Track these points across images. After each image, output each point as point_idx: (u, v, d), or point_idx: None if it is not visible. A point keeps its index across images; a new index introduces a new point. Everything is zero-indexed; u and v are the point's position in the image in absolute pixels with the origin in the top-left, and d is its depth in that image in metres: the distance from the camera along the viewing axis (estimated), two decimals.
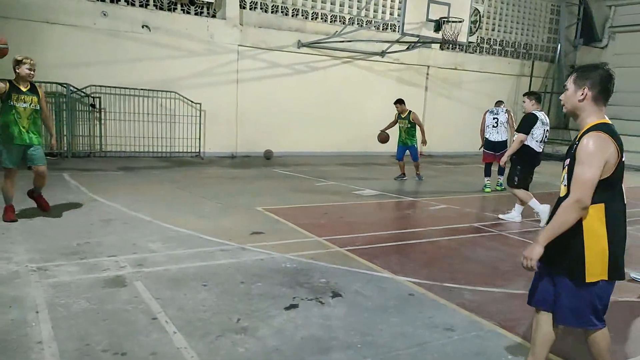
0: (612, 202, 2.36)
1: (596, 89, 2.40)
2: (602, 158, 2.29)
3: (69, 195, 6.74)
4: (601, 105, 2.44)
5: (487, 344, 3.23)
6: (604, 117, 2.44)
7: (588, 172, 2.28)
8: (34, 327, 3.10)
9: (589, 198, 2.30)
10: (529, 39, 16.23)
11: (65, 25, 9.67)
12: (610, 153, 2.30)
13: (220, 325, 3.28)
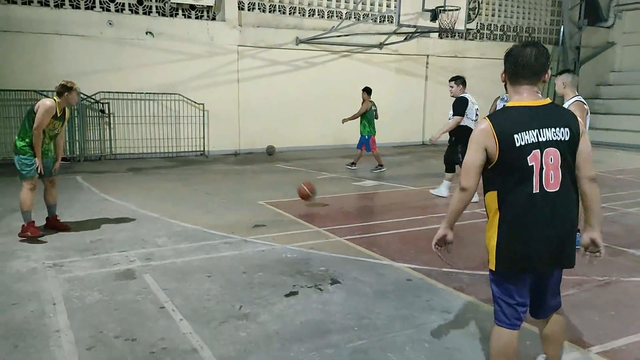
0: (508, 190, 2.23)
1: (509, 69, 2.31)
2: (478, 143, 2.24)
3: (81, 196, 7.02)
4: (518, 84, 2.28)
5: (483, 325, 3.34)
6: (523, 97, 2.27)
7: (466, 156, 2.32)
8: (52, 317, 3.34)
9: (465, 181, 2.31)
10: (531, 22, 16.14)
11: (74, 36, 9.97)
12: (487, 140, 2.21)
13: (223, 312, 3.49)
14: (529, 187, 2.19)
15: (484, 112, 5.15)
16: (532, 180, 2.19)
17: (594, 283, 4.15)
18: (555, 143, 2.18)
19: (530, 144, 2.17)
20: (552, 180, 2.19)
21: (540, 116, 2.20)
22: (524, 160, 2.17)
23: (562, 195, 2.21)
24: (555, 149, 2.18)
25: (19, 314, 3.37)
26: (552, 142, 2.18)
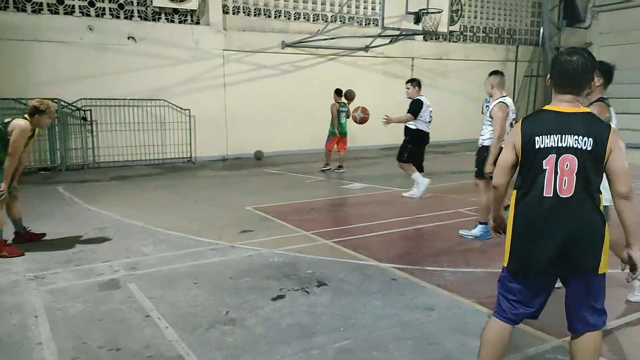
0: (524, 190, 2.31)
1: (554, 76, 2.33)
2: (509, 142, 2.36)
3: (63, 206, 6.92)
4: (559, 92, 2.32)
5: (466, 320, 3.42)
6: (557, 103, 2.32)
7: (501, 154, 2.44)
8: (34, 330, 3.29)
9: (496, 179, 2.43)
10: (512, 24, 16.38)
11: (53, 42, 9.84)
12: (515, 139, 2.32)
13: (209, 318, 3.47)
14: (541, 189, 2.24)
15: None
16: (544, 184, 2.24)
17: None
18: (574, 150, 2.19)
19: (549, 148, 2.22)
20: (565, 186, 2.21)
21: (566, 123, 2.23)
22: (540, 162, 2.24)
23: (575, 201, 2.21)
24: (572, 156, 2.19)
25: (0, 328, 3.32)
26: (571, 149, 2.20)
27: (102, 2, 10.41)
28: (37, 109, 4.70)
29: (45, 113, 4.74)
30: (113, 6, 10.51)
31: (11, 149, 4.55)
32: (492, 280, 4.13)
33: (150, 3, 10.74)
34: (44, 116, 4.76)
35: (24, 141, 4.67)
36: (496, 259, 4.68)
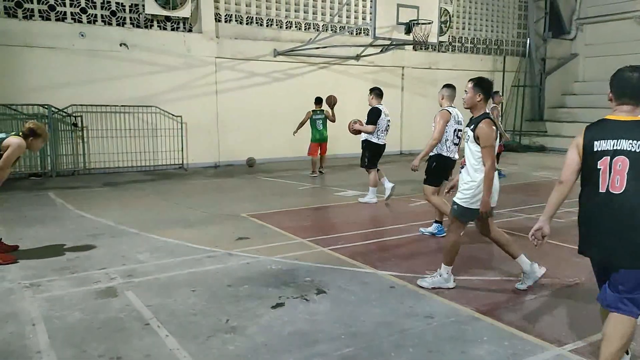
0: (584, 187, 2.72)
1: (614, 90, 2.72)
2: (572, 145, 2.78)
3: (55, 213, 6.84)
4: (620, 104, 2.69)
5: (465, 328, 3.46)
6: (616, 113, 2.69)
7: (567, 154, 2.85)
8: (32, 338, 3.24)
9: (563, 175, 2.83)
10: (500, 35, 16.68)
11: (44, 48, 9.76)
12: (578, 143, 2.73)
13: (210, 326, 3.46)
14: (597, 186, 2.62)
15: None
16: (599, 181, 2.60)
17: (565, 284, 4.32)
18: (627, 152, 2.52)
19: (604, 150, 2.58)
20: (617, 184, 2.55)
21: (622, 129, 2.58)
22: (595, 163, 2.60)
23: (626, 197, 2.53)
24: (625, 157, 2.53)
25: None
26: (624, 152, 2.53)
27: (94, 9, 10.36)
28: (33, 132, 4.69)
29: (40, 137, 4.75)
30: (105, 13, 10.47)
31: (3, 163, 4.52)
32: (488, 288, 4.20)
33: (143, 10, 10.73)
34: (39, 140, 4.76)
35: (16, 157, 4.64)
36: (492, 268, 4.75)
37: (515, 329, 3.43)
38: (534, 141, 16.41)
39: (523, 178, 10.46)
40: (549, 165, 12.36)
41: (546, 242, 2.98)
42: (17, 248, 5.09)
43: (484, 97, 3.94)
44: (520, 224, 6.41)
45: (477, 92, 3.94)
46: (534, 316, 3.67)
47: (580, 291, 4.20)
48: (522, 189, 9.17)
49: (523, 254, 4.13)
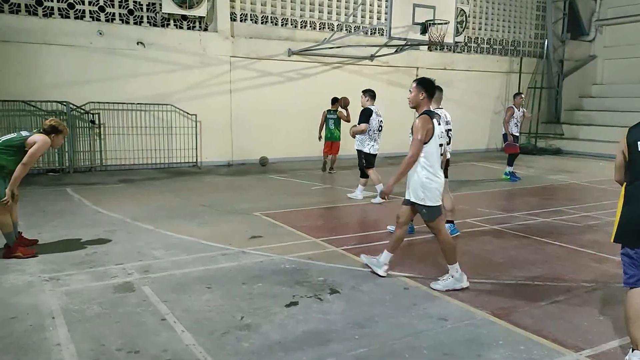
0: (628, 182, 3.01)
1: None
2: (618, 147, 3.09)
3: (73, 208, 6.95)
4: None
5: (480, 331, 3.44)
6: None
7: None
8: (52, 331, 3.31)
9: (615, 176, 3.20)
10: (517, 36, 16.51)
11: (63, 46, 9.90)
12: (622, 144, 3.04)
13: (225, 323, 3.50)
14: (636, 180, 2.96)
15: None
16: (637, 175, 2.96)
17: (582, 289, 4.28)
18: None
19: None
20: None
21: None
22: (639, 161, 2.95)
23: None
24: None
25: (18, 328, 3.34)
26: None
27: (112, 7, 10.49)
28: (55, 128, 4.78)
29: (61, 133, 4.84)
30: (123, 12, 10.59)
31: (28, 159, 4.60)
32: (503, 292, 4.18)
33: (160, 9, 10.83)
34: (60, 136, 4.84)
35: (41, 154, 4.75)
36: (505, 271, 4.72)
37: (531, 333, 3.41)
38: (550, 144, 16.22)
39: (539, 181, 10.35)
40: (565, 169, 12.22)
41: None
42: (36, 242, 5.19)
43: (427, 95, 4.17)
44: (535, 227, 6.35)
45: (419, 90, 4.17)
46: (551, 321, 3.64)
47: (597, 296, 4.16)
48: (538, 193, 9.08)
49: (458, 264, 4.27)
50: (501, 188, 9.49)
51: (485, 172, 11.58)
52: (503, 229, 6.30)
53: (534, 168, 12.26)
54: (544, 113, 16.78)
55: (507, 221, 6.69)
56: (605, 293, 4.23)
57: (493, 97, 16.10)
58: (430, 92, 4.19)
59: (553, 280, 4.49)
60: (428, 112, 4.15)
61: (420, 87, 4.16)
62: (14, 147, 4.63)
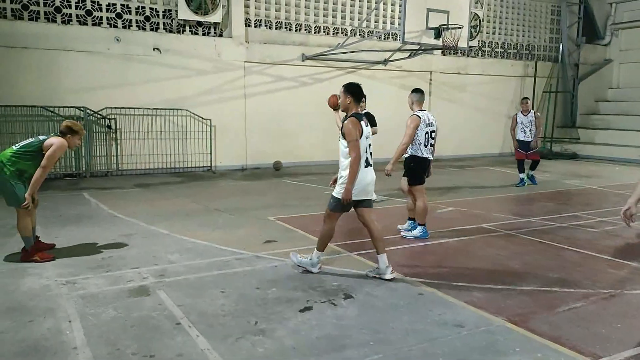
0: None
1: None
2: None
3: (90, 212, 7.04)
4: None
5: (496, 338, 3.39)
6: None
7: None
8: (68, 334, 3.34)
9: None
10: (531, 40, 16.36)
11: (80, 52, 10.09)
12: None
13: (239, 327, 3.50)
14: None
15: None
16: None
17: (599, 296, 4.21)
18: None
19: None
20: None
21: None
22: None
23: None
24: None
25: (35, 331, 3.38)
26: None
27: (129, 14, 10.65)
28: (70, 129, 4.85)
29: (77, 133, 4.90)
30: (140, 18, 10.75)
31: (46, 162, 4.67)
32: (520, 298, 4.12)
33: (176, 16, 10.97)
34: (76, 137, 4.90)
35: (59, 156, 4.82)
36: (522, 277, 4.65)
37: (549, 340, 3.35)
38: (565, 148, 16.01)
39: (555, 186, 10.21)
40: (581, 173, 12.04)
41: (635, 221, 3.38)
42: (53, 246, 5.26)
43: (353, 99, 4.46)
44: (552, 233, 6.26)
45: (346, 95, 4.45)
46: (568, 328, 3.58)
47: (615, 303, 4.08)
48: (554, 198, 8.96)
49: (385, 255, 4.53)
50: (516, 193, 9.39)
51: (500, 176, 11.46)
52: (519, 234, 6.22)
53: (549, 173, 12.11)
54: (559, 117, 16.58)
55: (523, 226, 6.60)
56: (623, 300, 4.15)
57: (507, 101, 15.96)
58: (357, 97, 4.48)
59: (570, 286, 4.42)
60: (355, 114, 4.45)
61: (347, 92, 4.45)
62: (32, 151, 4.71)
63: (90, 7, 10.28)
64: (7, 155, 4.71)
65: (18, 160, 4.69)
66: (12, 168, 4.66)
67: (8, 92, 9.56)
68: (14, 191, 4.68)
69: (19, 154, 4.70)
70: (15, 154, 4.71)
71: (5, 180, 4.67)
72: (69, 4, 10.09)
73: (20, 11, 9.71)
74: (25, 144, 4.79)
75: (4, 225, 6.04)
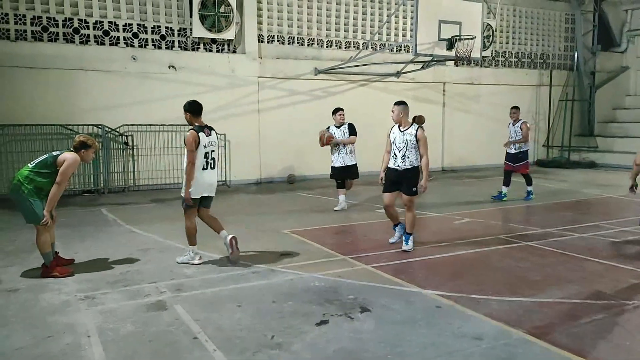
0: None
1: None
2: None
3: (108, 228, 7.14)
4: None
5: (516, 352, 3.33)
6: None
7: None
8: (87, 349, 3.37)
9: None
10: (546, 49, 16.25)
11: (98, 71, 10.32)
12: None
13: (256, 341, 3.49)
14: None
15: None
16: None
17: (622, 307, 4.11)
18: None
19: None
20: None
21: None
22: None
23: None
24: None
25: (55, 347, 3.42)
26: None
27: (145, 33, 10.89)
28: (84, 144, 4.94)
29: (91, 147, 4.98)
30: (155, 37, 10.98)
31: (60, 178, 4.75)
32: (540, 311, 4.04)
33: (190, 34, 11.18)
34: (89, 151, 4.99)
35: (73, 171, 4.91)
36: (542, 289, 4.56)
37: (570, 353, 3.28)
38: (583, 157, 15.76)
39: (573, 196, 10.04)
40: (600, 182, 11.82)
41: None
42: (72, 262, 5.33)
43: (191, 114, 5.41)
44: (572, 243, 6.15)
45: (186, 112, 5.41)
46: (590, 340, 3.49)
47: (639, 314, 3.97)
48: (572, 207, 8.81)
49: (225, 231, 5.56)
50: (534, 203, 9.25)
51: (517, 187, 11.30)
52: (538, 245, 6.11)
53: (567, 182, 11.92)
54: (576, 126, 16.37)
55: (542, 237, 6.50)
56: None
57: (523, 110, 15.67)
58: (195, 112, 5.43)
59: (591, 297, 4.32)
60: (196, 127, 5.31)
61: (186, 110, 5.41)
62: (47, 168, 4.77)
63: (108, 27, 10.55)
64: (24, 173, 4.79)
65: (34, 178, 4.76)
66: (29, 186, 4.75)
67: (29, 111, 9.80)
68: (33, 209, 4.76)
69: (35, 172, 4.77)
70: (31, 172, 4.78)
71: (24, 199, 4.75)
72: (87, 25, 10.36)
73: (40, 33, 10.00)
74: (39, 162, 4.84)
75: (24, 242, 6.15)
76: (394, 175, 5.84)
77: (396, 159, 5.79)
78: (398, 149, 5.78)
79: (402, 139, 5.75)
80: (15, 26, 9.82)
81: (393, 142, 5.84)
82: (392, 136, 5.87)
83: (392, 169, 5.84)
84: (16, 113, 9.63)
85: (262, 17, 12.02)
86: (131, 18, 10.74)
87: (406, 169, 5.75)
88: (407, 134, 5.74)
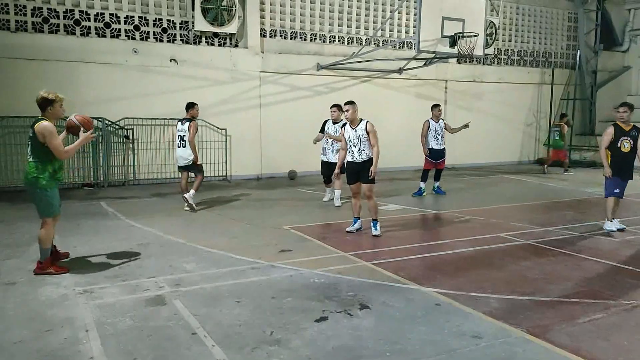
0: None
1: None
2: None
3: (107, 222, 7.12)
4: None
5: (515, 350, 3.33)
6: None
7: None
8: (85, 344, 3.36)
9: None
10: (548, 47, 16.19)
11: (99, 64, 10.27)
12: None
13: (255, 337, 3.48)
14: None
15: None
16: None
17: (621, 307, 4.11)
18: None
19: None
20: None
21: None
22: None
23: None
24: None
25: (53, 341, 3.41)
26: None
27: (147, 26, 10.84)
28: (46, 100, 4.58)
29: (55, 102, 4.61)
30: (157, 30, 10.93)
31: (57, 153, 4.56)
32: (539, 309, 4.03)
33: (192, 27, 11.13)
34: (56, 105, 4.62)
35: (59, 138, 4.62)
36: (541, 287, 4.55)
37: (569, 352, 3.28)
38: (584, 156, 15.74)
39: (574, 195, 10.03)
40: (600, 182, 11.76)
41: None
42: (67, 255, 5.29)
43: None
44: (572, 242, 6.14)
45: None
46: (589, 339, 3.49)
47: (637, 314, 3.97)
48: (573, 206, 8.79)
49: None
50: (535, 202, 9.24)
51: (518, 185, 11.30)
52: (538, 243, 6.10)
53: (568, 181, 11.90)
54: (577, 125, 16.33)
55: (542, 236, 6.48)
56: None
57: (525, 108, 15.80)
58: None
59: (591, 297, 4.31)
60: None
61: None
62: (39, 148, 4.59)
63: (109, 19, 10.49)
64: (32, 167, 4.65)
65: (39, 164, 4.62)
66: (44, 174, 4.62)
67: (29, 103, 9.67)
68: (49, 201, 4.70)
69: (36, 160, 4.64)
70: (34, 161, 4.65)
71: (42, 193, 4.65)
72: (88, 16, 10.31)
73: (40, 24, 9.94)
74: (30, 150, 4.67)
75: (22, 235, 6.14)
76: (354, 167, 6.46)
77: (353, 154, 6.39)
78: (354, 145, 6.37)
79: (355, 134, 6.34)
80: (15, 17, 9.77)
81: (348, 139, 6.42)
82: (346, 134, 6.46)
83: (352, 162, 6.47)
84: (16, 105, 9.59)
85: (265, 12, 11.96)
86: (133, 10, 10.69)
87: (363, 160, 6.35)
88: (358, 130, 6.33)
